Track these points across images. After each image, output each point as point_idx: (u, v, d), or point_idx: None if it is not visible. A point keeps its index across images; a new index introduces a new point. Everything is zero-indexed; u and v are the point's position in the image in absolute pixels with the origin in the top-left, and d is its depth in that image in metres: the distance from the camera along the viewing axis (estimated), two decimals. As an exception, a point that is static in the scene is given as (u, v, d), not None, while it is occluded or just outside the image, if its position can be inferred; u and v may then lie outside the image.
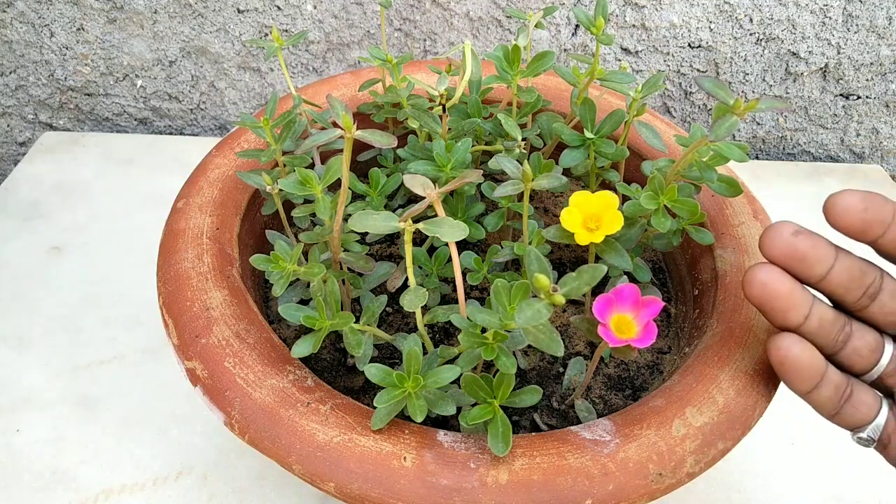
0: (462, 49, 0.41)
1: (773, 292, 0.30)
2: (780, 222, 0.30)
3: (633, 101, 0.40)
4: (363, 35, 0.74)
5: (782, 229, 0.30)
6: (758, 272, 0.30)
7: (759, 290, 0.30)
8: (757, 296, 0.31)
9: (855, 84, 0.76)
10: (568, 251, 0.50)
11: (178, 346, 0.35)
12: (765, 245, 0.30)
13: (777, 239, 0.30)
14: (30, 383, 0.52)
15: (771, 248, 0.30)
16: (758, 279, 0.30)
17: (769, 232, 0.30)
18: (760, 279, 0.30)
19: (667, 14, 0.71)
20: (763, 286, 0.30)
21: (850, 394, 0.32)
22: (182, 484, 0.46)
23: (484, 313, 0.31)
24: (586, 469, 0.30)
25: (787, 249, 0.30)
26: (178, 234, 0.40)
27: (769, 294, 0.30)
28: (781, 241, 0.30)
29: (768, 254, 0.30)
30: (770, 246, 0.30)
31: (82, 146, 0.75)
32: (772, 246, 0.30)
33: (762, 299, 0.31)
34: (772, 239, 0.30)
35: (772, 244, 0.30)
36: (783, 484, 0.48)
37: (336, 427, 0.32)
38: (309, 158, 0.43)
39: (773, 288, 0.30)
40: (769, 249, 0.30)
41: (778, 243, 0.30)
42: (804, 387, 0.31)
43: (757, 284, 0.30)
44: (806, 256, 0.30)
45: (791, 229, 0.30)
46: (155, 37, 0.74)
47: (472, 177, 0.33)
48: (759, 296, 0.31)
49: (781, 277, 0.30)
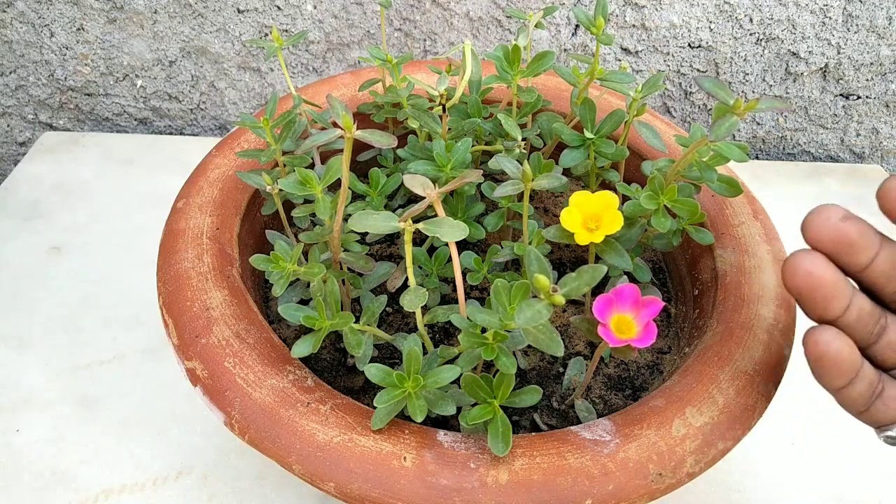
0: (462, 49, 0.41)
1: (818, 281, 0.28)
2: (826, 206, 0.28)
3: (633, 101, 0.40)
4: (363, 35, 0.74)
5: (830, 213, 0.28)
6: (802, 260, 0.28)
7: (804, 280, 0.28)
8: (801, 285, 0.28)
9: (855, 84, 0.76)
10: (568, 251, 0.50)
11: (178, 346, 0.35)
12: (810, 230, 0.28)
13: (825, 224, 0.28)
14: (30, 383, 0.52)
15: (818, 233, 0.28)
16: (803, 267, 0.28)
17: (815, 216, 0.28)
18: (806, 267, 0.28)
19: (667, 14, 0.71)
20: (808, 275, 0.28)
21: (882, 390, 0.30)
22: (182, 484, 0.46)
23: (484, 313, 0.31)
24: (586, 469, 0.30)
25: (836, 235, 0.28)
26: (178, 234, 0.40)
27: (814, 283, 0.28)
28: (829, 226, 0.28)
29: (814, 238, 0.28)
30: (817, 231, 0.28)
31: (82, 146, 0.75)
32: (819, 231, 0.28)
33: (805, 289, 0.28)
34: (819, 224, 0.28)
35: (819, 229, 0.28)
36: (783, 484, 0.48)
37: (336, 427, 0.32)
38: (309, 158, 0.43)
39: (819, 276, 0.28)
40: (815, 234, 0.28)
41: (826, 228, 0.28)
42: (839, 383, 0.29)
43: (801, 273, 0.28)
44: (854, 243, 0.28)
45: (839, 214, 0.28)
46: (155, 37, 0.74)
47: (472, 177, 0.33)
48: (804, 285, 0.28)
49: (826, 266, 0.28)
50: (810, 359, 0.29)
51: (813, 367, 0.30)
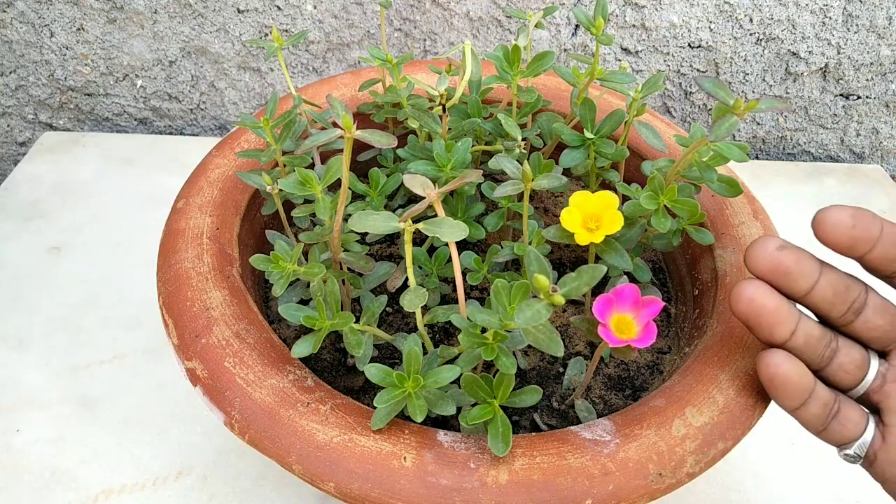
0: (462, 49, 0.41)
1: (759, 308, 0.30)
2: (764, 237, 0.31)
3: (633, 101, 0.40)
4: (363, 35, 0.74)
5: (767, 244, 0.30)
6: (745, 288, 0.31)
7: (746, 306, 0.31)
8: (744, 311, 0.31)
9: (855, 84, 0.76)
10: (568, 251, 0.50)
11: (178, 346, 0.35)
12: (749, 260, 0.31)
13: (762, 254, 0.30)
14: (30, 383, 0.52)
15: (756, 262, 0.30)
16: (745, 295, 0.31)
17: (754, 247, 0.30)
18: (748, 295, 0.30)
19: (667, 14, 0.71)
20: (750, 302, 0.30)
21: (838, 410, 0.32)
22: (182, 484, 0.46)
23: (484, 313, 0.31)
24: (586, 469, 0.30)
25: (772, 264, 0.30)
26: (178, 234, 0.40)
27: (756, 310, 0.30)
28: (766, 255, 0.30)
29: (753, 268, 0.31)
30: (755, 260, 0.30)
31: (82, 146, 0.75)
32: (756, 260, 0.30)
33: (749, 315, 0.31)
34: (756, 254, 0.30)
35: (756, 259, 0.30)
36: (783, 484, 0.48)
37: (336, 427, 0.32)
38: (309, 158, 0.43)
39: (760, 304, 0.30)
40: (754, 264, 0.30)
41: (763, 258, 0.30)
42: (793, 403, 0.31)
43: (744, 300, 0.31)
44: (790, 271, 0.30)
45: (775, 244, 0.30)
46: (155, 37, 0.74)
47: (472, 177, 0.33)
48: (746, 311, 0.31)
49: (768, 293, 0.30)
50: (763, 380, 0.31)
51: (767, 388, 0.32)
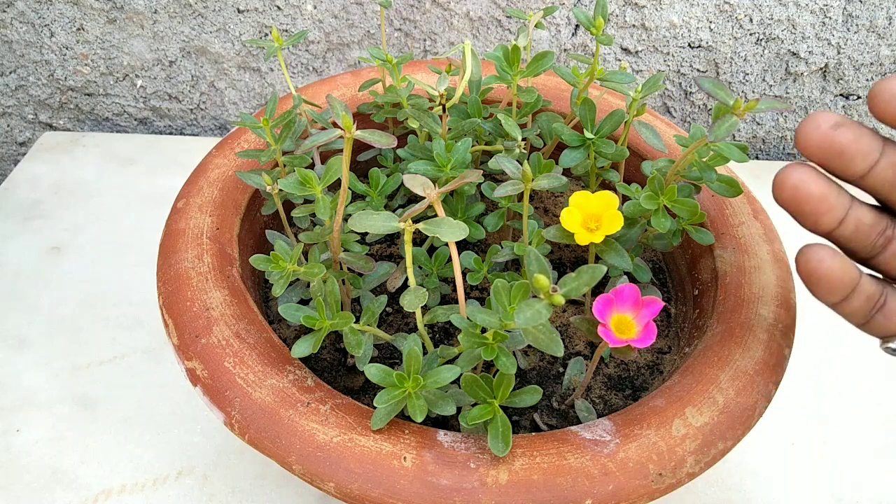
0: (462, 49, 0.41)
1: (804, 195, 0.28)
2: (819, 113, 0.28)
3: (633, 101, 0.40)
4: (363, 35, 0.74)
5: (820, 120, 0.27)
6: (790, 174, 0.28)
7: (790, 194, 0.28)
8: (788, 199, 0.28)
9: (855, 84, 0.76)
10: (568, 251, 0.50)
11: (178, 346, 0.35)
12: (801, 139, 0.28)
13: (814, 132, 0.27)
14: (30, 383, 0.52)
15: (806, 141, 0.27)
16: (790, 182, 0.28)
17: (805, 124, 0.27)
18: (792, 181, 0.28)
19: (667, 14, 0.71)
20: (794, 189, 0.28)
21: (884, 303, 0.30)
22: (182, 484, 0.46)
23: (484, 313, 0.31)
24: (586, 469, 0.30)
25: (825, 144, 0.27)
26: (178, 234, 0.40)
27: (800, 197, 0.28)
28: (818, 134, 0.27)
29: (803, 147, 0.28)
30: (805, 139, 0.27)
31: (82, 146, 0.75)
32: (808, 140, 0.27)
33: (793, 203, 0.28)
34: (808, 132, 0.27)
35: (808, 138, 0.27)
36: (783, 484, 0.48)
37: (336, 427, 0.32)
38: (309, 158, 0.43)
39: (805, 191, 0.28)
40: (804, 143, 0.27)
41: (814, 137, 0.27)
42: (833, 298, 0.29)
43: (788, 187, 0.28)
44: (845, 151, 0.27)
45: (831, 121, 0.27)
46: (155, 37, 0.74)
47: (472, 177, 0.33)
48: (790, 199, 0.28)
49: (814, 179, 0.28)
50: (801, 276, 0.29)
51: (805, 284, 0.29)
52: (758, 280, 0.40)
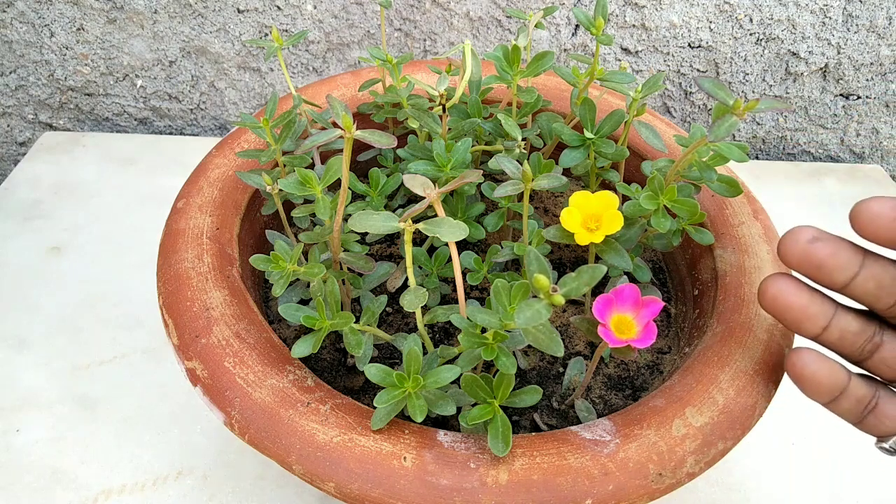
0: (462, 49, 0.41)
1: (784, 305, 0.30)
2: (798, 228, 0.29)
3: (633, 101, 0.40)
4: (363, 35, 0.74)
5: (799, 236, 0.29)
6: (770, 284, 0.30)
7: (771, 304, 0.30)
8: (769, 308, 0.30)
9: (855, 84, 0.76)
10: (568, 251, 0.50)
11: (178, 346, 0.35)
12: (781, 252, 0.29)
13: (792, 246, 0.29)
14: (30, 383, 0.52)
15: (787, 255, 0.29)
16: (769, 292, 0.30)
17: (786, 238, 0.29)
18: (772, 292, 0.30)
19: (667, 14, 0.71)
20: (774, 299, 0.30)
21: (875, 405, 0.31)
22: (182, 484, 0.46)
23: (484, 313, 0.31)
24: (586, 469, 0.30)
25: (803, 257, 0.29)
26: (178, 234, 0.40)
27: (781, 307, 0.30)
28: (797, 248, 0.29)
29: (785, 261, 0.29)
30: (786, 253, 0.29)
31: (82, 146, 0.75)
32: (787, 253, 0.29)
33: (775, 311, 0.30)
34: (787, 246, 0.29)
35: (787, 251, 0.29)
36: (783, 484, 0.48)
37: (336, 427, 0.32)
38: (309, 158, 0.43)
39: (785, 301, 0.30)
40: (785, 256, 0.29)
41: (794, 250, 0.29)
42: (823, 399, 0.30)
43: (768, 297, 0.30)
44: (823, 265, 0.28)
45: (808, 235, 0.28)
46: (155, 37, 0.74)
47: (472, 177, 0.33)
48: (772, 308, 0.30)
49: (795, 289, 0.30)
50: (791, 377, 0.31)
51: (795, 384, 0.31)
52: (758, 280, 0.40)
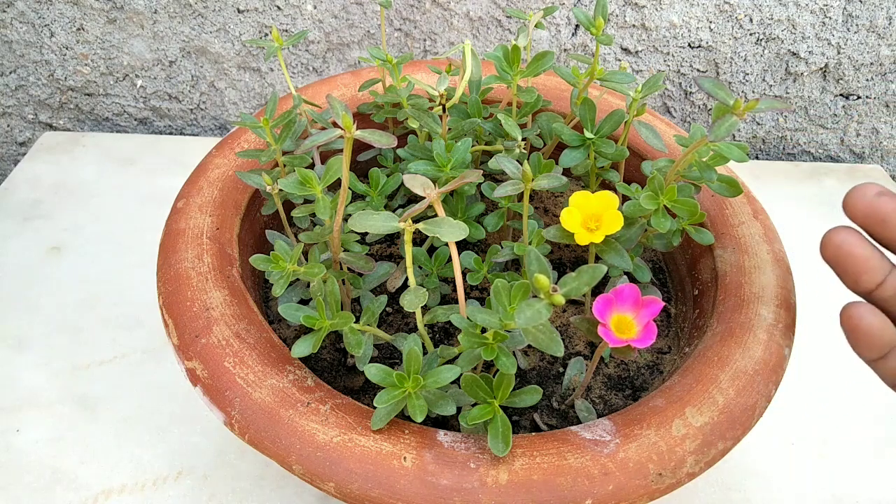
0: (462, 49, 0.41)
1: (846, 255, 0.30)
2: (865, 183, 0.30)
3: (632, 101, 0.40)
4: (363, 35, 0.74)
5: (866, 190, 0.30)
6: (835, 234, 0.30)
7: (833, 253, 0.31)
8: (831, 257, 0.31)
9: (855, 84, 0.76)
10: (568, 251, 0.50)
11: (178, 346, 0.35)
12: (847, 204, 0.30)
13: (860, 199, 0.30)
14: (30, 383, 0.52)
15: (853, 207, 0.30)
16: (833, 241, 0.30)
17: (852, 192, 0.30)
18: (836, 241, 0.30)
19: (667, 14, 0.71)
20: (838, 248, 0.30)
21: None
22: (182, 484, 0.46)
23: (484, 313, 0.31)
24: (586, 469, 0.30)
25: (869, 210, 0.30)
26: (178, 234, 0.40)
27: (843, 256, 0.30)
28: (864, 202, 0.30)
29: (850, 214, 0.30)
30: (852, 205, 0.30)
31: (82, 146, 0.75)
32: (854, 205, 0.30)
33: (836, 261, 0.31)
34: (855, 199, 0.30)
35: (854, 204, 0.30)
36: (783, 484, 0.48)
37: (336, 427, 0.32)
38: (309, 158, 0.43)
39: (847, 251, 0.30)
40: (851, 209, 0.30)
41: (860, 203, 0.30)
42: (872, 355, 0.31)
43: (832, 246, 0.30)
44: (887, 219, 0.29)
45: (875, 190, 0.30)
46: (155, 37, 0.74)
47: (472, 177, 0.33)
48: (834, 257, 0.31)
49: (858, 241, 0.30)
50: (844, 331, 0.31)
51: (847, 339, 0.31)
52: (758, 280, 0.40)
